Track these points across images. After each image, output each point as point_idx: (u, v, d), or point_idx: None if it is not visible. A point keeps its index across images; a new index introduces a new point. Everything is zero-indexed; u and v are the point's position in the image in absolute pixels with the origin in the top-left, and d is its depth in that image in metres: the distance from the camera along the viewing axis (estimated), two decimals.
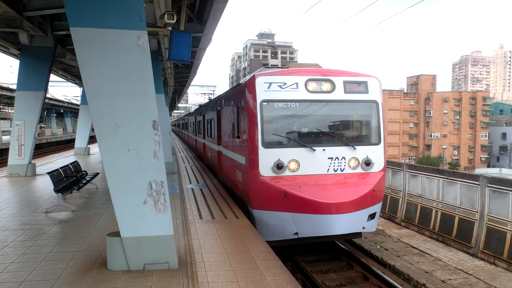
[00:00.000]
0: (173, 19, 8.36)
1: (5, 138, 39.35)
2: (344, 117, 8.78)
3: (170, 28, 8.83)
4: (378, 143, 8.55)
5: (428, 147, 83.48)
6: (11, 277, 4.99)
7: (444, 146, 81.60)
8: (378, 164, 8.46)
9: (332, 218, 7.21)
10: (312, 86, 8.13)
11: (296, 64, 9.24)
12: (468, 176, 11.65)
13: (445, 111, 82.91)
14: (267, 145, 7.90)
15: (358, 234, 8.45)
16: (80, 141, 24.84)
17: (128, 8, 5.03)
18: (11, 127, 15.03)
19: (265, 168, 7.81)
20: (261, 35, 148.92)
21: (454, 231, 11.05)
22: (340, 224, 7.28)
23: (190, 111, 45.92)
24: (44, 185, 12.11)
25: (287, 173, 7.86)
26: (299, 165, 7.91)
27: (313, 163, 7.96)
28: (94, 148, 27.04)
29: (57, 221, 7.85)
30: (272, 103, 7.97)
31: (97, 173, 12.06)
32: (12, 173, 14.36)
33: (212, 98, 22.38)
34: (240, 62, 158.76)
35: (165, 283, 4.84)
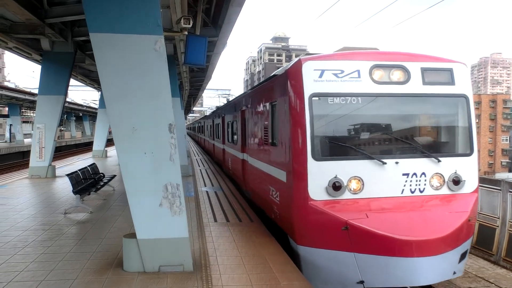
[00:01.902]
0: (189, 24, 8.47)
1: (27, 140, 40.51)
2: (423, 118, 6.64)
3: (186, 33, 8.95)
4: (469, 153, 6.35)
5: None
6: (32, 276, 5.12)
7: None
8: (470, 183, 6.26)
9: (416, 262, 5.09)
10: (378, 74, 6.11)
11: (348, 48, 6.94)
12: (488, 181, 11.36)
13: None
14: (320, 156, 5.86)
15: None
16: (98, 144, 25.38)
17: (145, 14, 5.12)
18: (32, 130, 15.47)
19: (317, 189, 5.78)
20: (275, 39, 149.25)
21: (474, 237, 10.78)
22: (427, 271, 5.16)
23: (206, 114, 45.73)
24: (63, 186, 12.40)
25: (346, 195, 5.83)
26: (363, 184, 5.88)
27: (382, 182, 5.92)
28: (112, 151, 27.54)
29: (76, 222, 8.02)
30: (326, 97, 5.94)
31: (114, 175, 12.27)
32: (33, 174, 14.77)
33: (230, 99, 20.37)
34: (254, 66, 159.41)
35: (180, 285, 4.87)
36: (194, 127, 52.44)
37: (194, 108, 76.54)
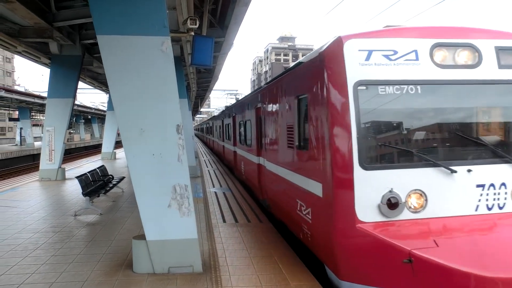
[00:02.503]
0: (195, 24, 8.48)
1: (37, 144, 41.05)
2: (499, 112, 5.15)
3: (192, 34, 8.96)
4: None
5: None
6: (43, 278, 5.15)
7: None
8: None
9: None
10: (441, 56, 4.76)
11: (391, 27, 5.25)
12: None
13: None
14: (370, 163, 4.51)
15: None
16: (107, 146, 25.60)
17: (152, 15, 5.13)
18: (42, 133, 15.67)
19: (367, 207, 4.46)
20: (282, 39, 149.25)
21: None
22: None
23: (214, 115, 45.54)
24: (73, 188, 12.51)
25: (405, 215, 4.49)
26: (426, 200, 4.53)
27: (450, 196, 4.58)
28: (120, 153, 27.74)
29: (85, 224, 8.07)
30: (376, 86, 4.58)
31: (123, 177, 12.33)
32: (43, 177, 14.94)
33: (240, 98, 18.62)
34: (261, 66, 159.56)
35: (190, 287, 4.86)
36: (202, 128, 52.40)
37: (202, 109, 76.86)
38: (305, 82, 5.62)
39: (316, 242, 5.34)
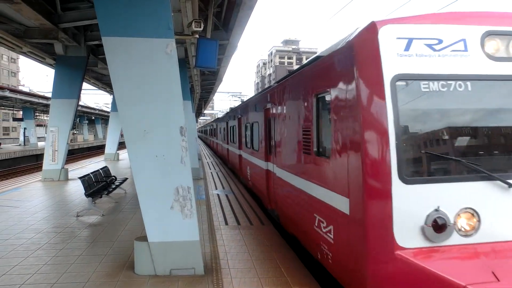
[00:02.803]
0: (200, 27, 8.50)
1: (40, 144, 41.24)
2: None
3: (197, 36, 8.98)
4: None
5: None
6: (44, 279, 5.15)
7: None
8: None
9: None
10: (494, 46, 3.99)
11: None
12: None
13: None
14: (412, 176, 3.74)
15: None
16: (110, 147, 25.67)
17: (156, 18, 5.15)
18: (46, 133, 15.74)
19: (408, 230, 3.68)
20: (286, 42, 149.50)
21: None
22: None
23: (218, 116, 45.37)
24: (75, 189, 12.54)
25: (454, 239, 3.73)
26: (478, 220, 3.78)
27: (507, 216, 3.82)
28: (124, 154, 27.81)
29: (88, 225, 8.08)
30: (418, 81, 3.84)
31: (126, 178, 12.35)
32: (46, 177, 14.99)
33: (245, 100, 17.76)
34: (265, 68, 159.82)
35: None
36: (206, 130, 52.30)
37: (205, 111, 77.01)
38: (328, 78, 4.75)
39: (340, 267, 4.49)
